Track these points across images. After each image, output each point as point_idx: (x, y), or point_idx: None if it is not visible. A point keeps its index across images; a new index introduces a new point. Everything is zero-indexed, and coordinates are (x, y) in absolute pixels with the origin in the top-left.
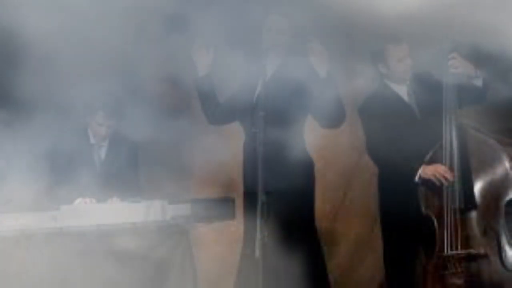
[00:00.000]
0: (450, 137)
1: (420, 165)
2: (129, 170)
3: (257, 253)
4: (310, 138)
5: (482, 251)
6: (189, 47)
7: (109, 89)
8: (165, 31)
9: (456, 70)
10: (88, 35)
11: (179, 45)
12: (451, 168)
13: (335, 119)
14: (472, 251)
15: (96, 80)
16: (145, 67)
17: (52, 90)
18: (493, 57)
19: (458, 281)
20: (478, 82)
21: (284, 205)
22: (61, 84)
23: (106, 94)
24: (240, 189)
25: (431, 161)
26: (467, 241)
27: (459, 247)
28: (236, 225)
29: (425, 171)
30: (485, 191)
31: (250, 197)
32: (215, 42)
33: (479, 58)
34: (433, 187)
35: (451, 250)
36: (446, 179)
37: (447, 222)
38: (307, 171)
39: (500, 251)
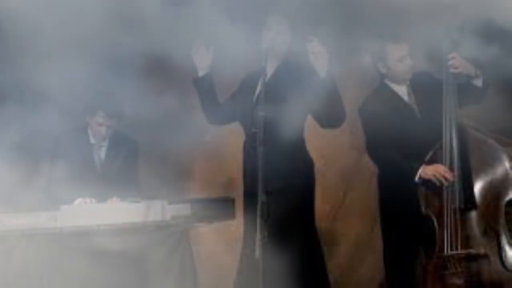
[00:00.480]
0: (450, 137)
1: (420, 165)
2: (129, 170)
3: (257, 253)
4: (310, 138)
5: (482, 251)
6: (190, 49)
7: (108, 88)
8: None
9: (456, 70)
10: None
11: (181, 46)
12: (451, 168)
13: (335, 119)
14: (472, 251)
15: (93, 79)
16: (145, 66)
17: (50, 86)
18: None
19: (458, 281)
20: (478, 82)
21: (284, 205)
22: (60, 81)
23: (106, 94)
24: (240, 189)
25: (431, 161)
26: (467, 241)
27: (459, 247)
28: (236, 225)
29: (425, 171)
30: (485, 191)
31: (250, 197)
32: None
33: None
34: (433, 187)
35: (451, 250)
36: (446, 179)
37: (447, 222)
38: (307, 171)
39: (500, 251)
